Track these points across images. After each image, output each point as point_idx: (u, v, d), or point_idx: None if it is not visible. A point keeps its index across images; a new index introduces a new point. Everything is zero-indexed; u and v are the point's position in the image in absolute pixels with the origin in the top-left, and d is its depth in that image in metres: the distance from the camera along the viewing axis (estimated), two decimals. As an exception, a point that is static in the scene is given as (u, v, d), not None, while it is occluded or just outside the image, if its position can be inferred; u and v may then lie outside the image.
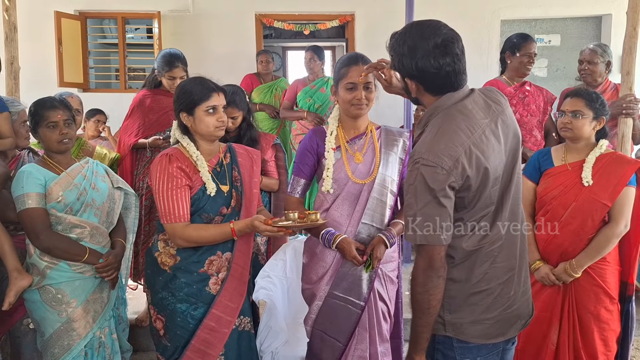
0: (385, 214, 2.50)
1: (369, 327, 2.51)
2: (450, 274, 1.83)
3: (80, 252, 2.57)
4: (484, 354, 1.88)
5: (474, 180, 1.74)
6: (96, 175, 2.70)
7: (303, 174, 2.55)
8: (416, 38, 1.76)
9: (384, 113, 5.88)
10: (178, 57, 3.75)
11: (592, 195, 2.70)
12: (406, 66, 1.78)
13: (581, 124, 2.77)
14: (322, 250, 2.51)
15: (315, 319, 2.53)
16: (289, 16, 6.94)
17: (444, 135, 1.74)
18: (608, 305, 2.75)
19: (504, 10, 6.70)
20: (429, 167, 1.69)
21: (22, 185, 2.49)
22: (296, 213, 2.28)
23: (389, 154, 2.52)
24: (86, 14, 6.74)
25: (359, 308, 2.47)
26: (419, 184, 1.71)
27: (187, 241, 2.36)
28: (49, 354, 2.59)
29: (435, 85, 1.80)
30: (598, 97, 2.82)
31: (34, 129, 2.60)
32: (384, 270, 2.55)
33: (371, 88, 2.45)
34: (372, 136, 2.55)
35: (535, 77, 6.76)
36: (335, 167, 2.48)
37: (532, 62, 3.99)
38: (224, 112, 2.45)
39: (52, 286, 2.56)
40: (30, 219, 2.49)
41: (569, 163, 2.83)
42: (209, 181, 2.40)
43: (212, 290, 2.43)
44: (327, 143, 2.50)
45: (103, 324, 2.71)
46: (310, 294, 2.56)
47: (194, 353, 2.39)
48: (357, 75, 2.40)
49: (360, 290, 2.48)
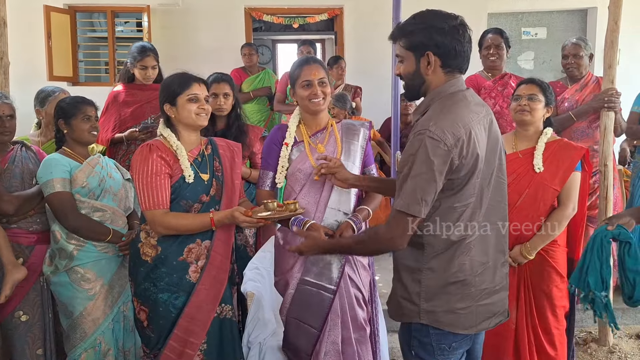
0: (351, 199, 2.59)
1: (341, 313, 2.56)
2: (429, 264, 1.89)
3: (105, 231, 2.80)
4: (459, 340, 1.94)
5: (467, 164, 1.80)
6: (110, 167, 2.94)
7: (270, 167, 2.63)
8: (439, 17, 1.87)
9: (371, 105, 5.98)
10: (150, 47, 3.93)
11: (543, 181, 2.83)
12: (434, 37, 1.83)
13: (536, 107, 2.88)
14: (292, 237, 2.58)
15: (289, 308, 2.59)
16: (278, 9, 6.96)
17: (449, 113, 1.81)
18: (559, 284, 2.89)
19: (490, 3, 6.77)
20: (434, 140, 1.75)
21: (50, 171, 2.73)
22: (275, 202, 2.35)
23: (350, 143, 2.63)
24: (75, 8, 6.73)
25: (330, 292, 2.53)
26: (420, 154, 1.76)
27: (166, 228, 2.40)
28: (78, 331, 2.76)
29: (454, 60, 1.87)
30: (549, 87, 2.96)
31: (66, 120, 2.83)
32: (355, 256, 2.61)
33: (326, 83, 2.54)
34: (333, 129, 2.64)
35: (521, 70, 6.83)
36: (300, 159, 2.57)
37: (493, 53, 4.09)
38: (207, 103, 2.51)
39: (81, 267, 2.77)
40: (59, 202, 2.72)
41: (519, 151, 2.93)
42: (187, 168, 2.45)
43: (192, 279, 2.47)
44: (286, 137, 2.60)
45: (126, 299, 2.89)
46: (284, 283, 2.62)
47: (177, 342, 2.44)
48: (310, 73, 2.52)
49: (331, 275, 2.54)
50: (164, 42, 6.38)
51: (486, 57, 4.11)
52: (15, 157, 2.87)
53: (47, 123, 3.40)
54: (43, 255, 2.84)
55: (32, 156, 2.95)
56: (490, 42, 4.08)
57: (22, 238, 2.82)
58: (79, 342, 2.77)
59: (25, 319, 2.82)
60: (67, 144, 2.88)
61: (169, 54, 6.12)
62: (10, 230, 2.77)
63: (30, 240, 2.84)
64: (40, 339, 2.87)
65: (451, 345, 1.93)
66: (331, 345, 2.54)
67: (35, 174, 2.84)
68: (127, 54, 3.98)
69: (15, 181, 2.81)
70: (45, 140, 3.40)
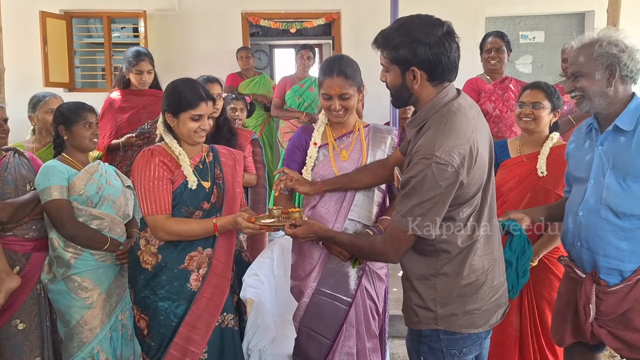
0: (373, 210, 2.53)
1: (357, 324, 2.53)
2: (443, 269, 1.89)
3: (102, 240, 2.77)
4: (468, 345, 1.93)
5: (473, 176, 1.80)
6: (109, 174, 2.92)
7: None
8: (423, 27, 1.79)
9: (371, 110, 5.96)
10: (144, 52, 3.89)
11: (546, 186, 2.79)
12: (419, 53, 1.79)
13: (541, 115, 2.84)
14: (309, 247, 2.53)
15: (302, 316, 2.55)
16: (275, 14, 6.95)
17: (451, 131, 1.78)
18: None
19: (488, 7, 6.77)
20: (441, 165, 1.74)
21: (48, 179, 2.70)
22: (280, 209, 2.29)
23: (376, 151, 2.55)
24: (72, 14, 6.71)
25: (346, 305, 2.49)
26: (427, 180, 1.75)
27: (168, 233, 2.37)
28: (75, 340, 2.73)
29: (440, 74, 1.83)
30: (555, 91, 2.90)
31: (66, 126, 2.80)
32: (372, 267, 2.57)
33: (348, 96, 2.44)
34: (360, 134, 2.57)
35: (519, 73, 6.82)
36: (322, 164, 2.51)
37: (494, 56, 4.09)
38: (208, 120, 2.47)
39: (78, 275, 2.74)
40: (57, 209, 2.69)
41: (524, 155, 2.90)
42: (190, 175, 2.42)
43: (193, 287, 2.44)
44: (312, 138, 2.55)
45: (124, 307, 2.88)
46: (298, 291, 2.58)
47: (177, 351, 2.41)
48: (330, 87, 2.43)
49: (348, 287, 2.50)
50: (160, 47, 6.37)
51: (487, 61, 4.11)
52: (8, 164, 2.83)
53: (40, 129, 3.39)
54: (40, 263, 2.81)
55: (25, 162, 2.91)
56: (491, 46, 4.07)
57: (17, 246, 2.77)
58: (76, 351, 2.73)
59: (22, 327, 2.78)
60: (67, 151, 2.85)
61: (165, 59, 6.12)
62: (5, 238, 2.73)
63: (26, 247, 2.80)
64: (38, 347, 2.83)
65: (462, 351, 1.92)
66: (345, 357, 2.50)
67: (28, 180, 2.81)
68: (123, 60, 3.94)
69: (8, 188, 2.77)
70: (39, 146, 3.37)
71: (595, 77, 2.13)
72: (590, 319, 2.23)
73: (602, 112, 2.19)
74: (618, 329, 2.21)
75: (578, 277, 2.29)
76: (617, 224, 2.15)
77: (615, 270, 2.18)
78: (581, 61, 2.16)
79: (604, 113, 2.19)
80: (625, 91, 2.17)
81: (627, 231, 2.14)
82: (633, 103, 2.16)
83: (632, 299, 2.16)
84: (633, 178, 2.11)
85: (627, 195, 2.12)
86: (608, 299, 2.19)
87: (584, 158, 2.27)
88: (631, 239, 2.15)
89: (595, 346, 2.38)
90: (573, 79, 2.20)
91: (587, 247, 2.22)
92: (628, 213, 2.13)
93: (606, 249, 2.17)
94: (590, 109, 2.19)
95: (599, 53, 2.11)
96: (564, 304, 2.39)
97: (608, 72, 2.12)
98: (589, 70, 2.14)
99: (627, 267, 2.16)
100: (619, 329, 2.21)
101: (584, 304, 2.23)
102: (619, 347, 2.23)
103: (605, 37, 2.13)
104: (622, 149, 2.13)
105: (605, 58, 2.10)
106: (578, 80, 2.18)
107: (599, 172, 2.18)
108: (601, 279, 2.20)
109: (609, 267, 2.19)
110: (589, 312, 2.22)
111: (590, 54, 2.13)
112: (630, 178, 2.12)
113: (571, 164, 2.38)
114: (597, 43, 2.12)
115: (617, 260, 2.17)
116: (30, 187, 2.79)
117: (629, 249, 2.15)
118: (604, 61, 2.11)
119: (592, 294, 2.21)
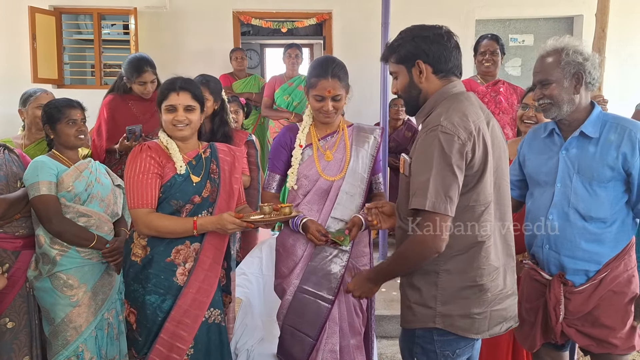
0: (355, 209, 2.56)
1: (340, 321, 2.54)
2: (446, 265, 1.88)
3: (89, 237, 2.73)
4: (462, 346, 1.93)
5: (478, 159, 1.81)
6: (99, 172, 2.89)
7: (277, 170, 2.61)
8: (422, 28, 1.94)
9: (360, 111, 5.97)
10: (146, 61, 3.68)
11: None
12: (420, 45, 1.90)
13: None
14: (292, 244, 2.56)
15: (285, 314, 2.56)
16: (266, 14, 6.94)
17: (457, 111, 1.82)
18: None
19: (478, 10, 6.81)
20: (447, 134, 1.76)
21: (36, 174, 2.67)
22: (271, 206, 2.32)
23: (359, 150, 2.59)
24: (61, 9, 6.66)
25: (328, 302, 2.51)
26: (435, 150, 1.76)
27: (148, 228, 2.37)
28: (60, 338, 2.70)
29: (444, 65, 1.91)
30: None
31: (51, 125, 2.79)
32: (355, 264, 2.59)
33: (340, 97, 2.50)
34: (344, 134, 2.61)
35: (509, 76, 6.86)
36: (306, 164, 2.55)
37: (488, 59, 4.12)
38: (190, 112, 2.45)
39: (63, 272, 2.70)
40: (44, 205, 2.66)
41: None
42: (179, 160, 2.43)
43: (179, 281, 2.43)
44: (297, 140, 2.58)
45: (110, 306, 2.86)
46: (281, 288, 2.59)
47: (163, 346, 2.40)
48: (325, 89, 2.46)
49: (330, 285, 2.51)
50: (151, 45, 6.35)
51: (481, 63, 4.13)
52: (-1, 160, 2.80)
53: (30, 124, 3.35)
54: (29, 261, 2.78)
55: (15, 159, 2.88)
56: (486, 49, 4.10)
57: (7, 243, 2.74)
58: (61, 350, 2.70)
59: (11, 325, 2.74)
60: (57, 148, 2.84)
61: (156, 57, 5.97)
62: (-5, 236, 2.70)
63: (16, 245, 2.76)
64: (27, 345, 2.79)
65: (455, 352, 1.92)
66: (329, 354, 2.51)
67: (19, 177, 2.78)
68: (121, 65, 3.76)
69: (0, 184, 2.74)
70: (29, 142, 3.33)
71: (564, 84, 2.17)
72: (560, 319, 2.27)
73: (566, 118, 2.24)
74: (585, 327, 2.27)
75: (543, 280, 2.34)
76: (586, 227, 2.21)
77: (580, 271, 2.25)
78: (549, 69, 2.20)
79: (567, 119, 2.24)
80: (586, 98, 2.23)
81: (594, 234, 2.21)
82: (595, 111, 2.23)
83: (597, 297, 2.24)
84: (598, 183, 2.18)
85: (593, 200, 2.19)
86: (575, 299, 2.25)
87: (546, 162, 2.31)
88: (598, 241, 2.21)
89: (562, 345, 2.44)
90: (540, 87, 2.24)
91: (556, 249, 2.27)
92: (594, 217, 2.20)
93: (574, 251, 2.23)
94: (557, 115, 2.23)
95: (566, 61, 2.16)
96: (528, 308, 2.42)
97: (575, 80, 2.17)
98: (557, 78, 2.18)
99: (592, 267, 2.23)
100: (586, 327, 2.27)
101: (554, 305, 2.28)
102: (588, 344, 2.29)
103: (571, 46, 2.18)
104: (587, 155, 2.19)
105: (572, 66, 2.16)
106: (546, 87, 2.21)
107: (565, 176, 2.23)
108: (567, 280, 2.25)
109: (575, 268, 2.25)
110: (559, 312, 2.27)
111: (558, 62, 2.18)
112: (596, 183, 2.18)
113: (530, 167, 2.41)
114: (564, 51, 2.17)
115: (583, 261, 2.23)
116: (21, 184, 2.77)
117: (595, 251, 2.22)
118: (571, 69, 2.16)
119: (561, 295, 2.26)
